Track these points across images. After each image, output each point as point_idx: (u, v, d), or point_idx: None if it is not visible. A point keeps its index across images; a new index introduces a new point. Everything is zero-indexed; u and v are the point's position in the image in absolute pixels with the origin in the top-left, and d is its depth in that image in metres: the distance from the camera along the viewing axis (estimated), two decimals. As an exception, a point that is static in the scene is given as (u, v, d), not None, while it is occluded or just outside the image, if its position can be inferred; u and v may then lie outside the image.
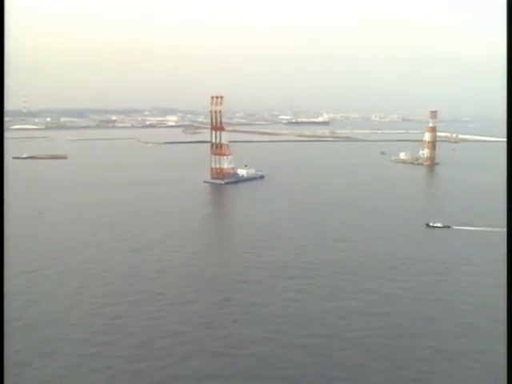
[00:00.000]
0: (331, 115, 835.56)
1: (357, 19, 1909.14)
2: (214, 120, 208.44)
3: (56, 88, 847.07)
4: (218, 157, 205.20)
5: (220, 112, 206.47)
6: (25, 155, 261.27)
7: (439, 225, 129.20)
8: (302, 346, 64.79)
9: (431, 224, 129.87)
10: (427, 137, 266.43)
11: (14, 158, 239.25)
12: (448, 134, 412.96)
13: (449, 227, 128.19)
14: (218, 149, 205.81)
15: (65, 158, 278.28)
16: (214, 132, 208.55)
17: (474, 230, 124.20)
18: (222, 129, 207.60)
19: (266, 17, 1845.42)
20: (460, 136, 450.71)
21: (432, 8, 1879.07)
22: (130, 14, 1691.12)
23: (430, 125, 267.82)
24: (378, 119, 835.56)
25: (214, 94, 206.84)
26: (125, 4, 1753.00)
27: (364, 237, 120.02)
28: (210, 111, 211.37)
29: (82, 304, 78.27)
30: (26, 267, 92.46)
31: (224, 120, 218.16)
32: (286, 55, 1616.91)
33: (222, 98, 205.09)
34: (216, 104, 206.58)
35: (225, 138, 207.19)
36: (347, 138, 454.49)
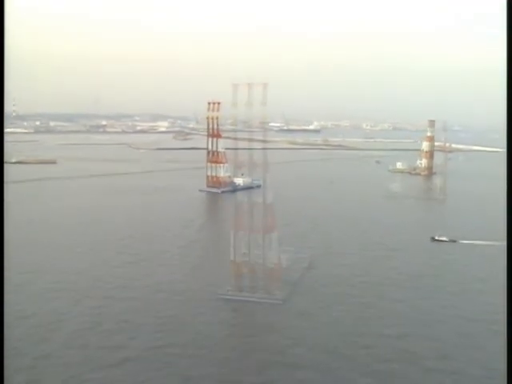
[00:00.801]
0: (322, 123, 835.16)
1: (352, 27, 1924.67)
2: (210, 126, 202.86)
3: (46, 92, 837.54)
4: (214, 164, 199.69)
5: (217, 118, 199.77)
6: (14, 160, 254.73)
7: (445, 239, 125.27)
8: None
9: (437, 238, 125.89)
10: (425, 146, 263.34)
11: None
12: (442, 144, 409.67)
13: (455, 241, 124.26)
14: (214, 156, 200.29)
15: (54, 163, 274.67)
16: (210, 139, 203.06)
17: (482, 245, 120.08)
18: (218, 136, 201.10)
19: (258, 21, 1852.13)
20: (453, 145, 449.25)
21: (424, 16, 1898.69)
22: (129, 14, 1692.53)
23: (428, 134, 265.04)
24: (369, 127, 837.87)
25: (210, 100, 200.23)
26: (124, 4, 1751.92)
27: (370, 250, 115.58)
28: (207, 117, 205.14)
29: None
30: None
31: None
32: (277, 61, 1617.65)
33: (219, 103, 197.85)
34: (213, 110, 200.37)
35: (221, 145, 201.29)
36: (339, 147, 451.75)
